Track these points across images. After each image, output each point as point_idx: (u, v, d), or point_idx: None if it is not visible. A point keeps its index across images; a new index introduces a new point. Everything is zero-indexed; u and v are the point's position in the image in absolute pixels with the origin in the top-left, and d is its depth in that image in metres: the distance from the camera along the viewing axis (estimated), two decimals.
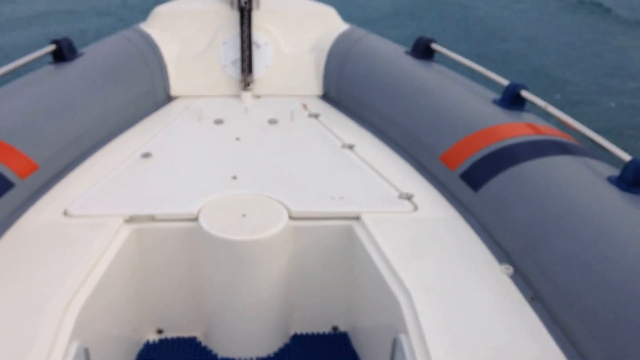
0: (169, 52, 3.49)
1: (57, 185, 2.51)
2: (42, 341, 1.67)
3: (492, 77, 2.83)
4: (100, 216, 2.29)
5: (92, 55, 3.20)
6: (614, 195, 2.01)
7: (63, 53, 3.07)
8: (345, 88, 3.41)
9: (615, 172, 2.14)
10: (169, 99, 3.46)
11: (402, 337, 1.80)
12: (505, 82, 2.73)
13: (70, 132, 2.70)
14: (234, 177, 2.59)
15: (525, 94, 2.64)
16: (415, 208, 2.41)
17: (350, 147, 2.90)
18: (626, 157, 2.12)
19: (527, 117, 2.62)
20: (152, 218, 2.32)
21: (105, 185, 2.51)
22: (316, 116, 3.26)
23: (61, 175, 2.58)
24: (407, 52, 3.36)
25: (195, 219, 2.32)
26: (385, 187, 2.56)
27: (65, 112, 2.75)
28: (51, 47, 3.05)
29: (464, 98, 2.82)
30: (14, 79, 2.87)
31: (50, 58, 3.09)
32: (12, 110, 2.60)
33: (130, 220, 2.30)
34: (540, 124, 2.56)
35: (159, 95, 3.39)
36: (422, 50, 3.28)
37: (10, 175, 2.31)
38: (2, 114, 2.56)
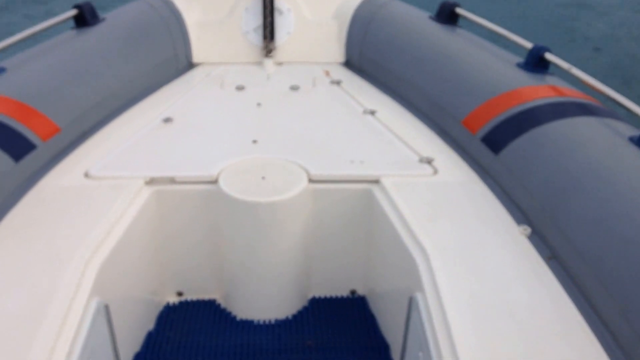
0: (191, 18, 3.49)
1: (79, 148, 2.53)
2: (63, 295, 1.69)
3: (517, 40, 2.78)
4: (121, 178, 2.31)
5: (114, 20, 3.21)
6: (635, 155, 1.97)
7: (85, 18, 3.08)
8: (368, 55, 3.37)
9: (638, 132, 2.10)
10: (190, 65, 3.46)
11: (418, 296, 1.80)
12: (529, 45, 2.68)
13: (92, 96, 2.72)
14: (255, 141, 2.59)
15: (549, 56, 2.59)
16: (436, 172, 2.39)
17: (372, 112, 2.88)
18: None
19: (551, 79, 2.57)
20: (172, 180, 2.33)
21: (126, 148, 2.52)
22: (338, 83, 3.24)
23: (83, 138, 2.60)
24: (431, 18, 3.31)
25: (215, 182, 2.33)
26: (405, 151, 2.54)
27: (88, 77, 2.76)
28: (73, 12, 3.06)
29: (487, 62, 2.78)
30: (36, 44, 2.89)
31: (72, 23, 3.10)
32: (35, 74, 2.63)
33: (151, 182, 2.32)
34: (564, 86, 2.51)
35: (180, 62, 3.39)
36: (447, 15, 3.22)
37: (32, 137, 2.33)
38: (25, 78, 2.58)
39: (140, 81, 3.05)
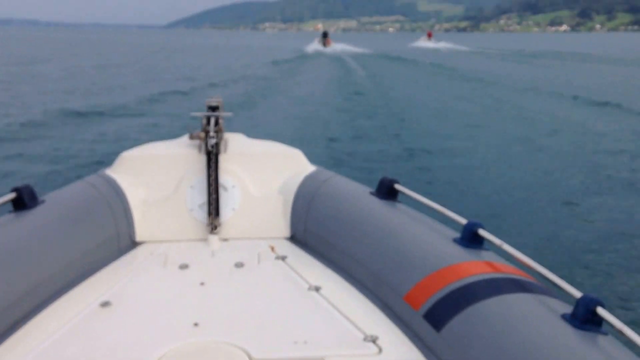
0: (135, 197, 3.49)
1: (7, 341, 2.39)
2: None
3: (451, 216, 2.87)
4: None
5: (53, 202, 3.17)
6: (567, 333, 2.01)
7: (23, 201, 3.03)
8: (312, 229, 3.41)
9: (568, 308, 2.16)
10: (134, 244, 3.41)
11: None
12: (463, 220, 2.77)
13: (25, 284, 2.60)
14: (196, 324, 2.51)
15: (482, 232, 2.67)
16: (380, 350, 2.34)
17: (317, 289, 2.86)
18: (577, 293, 2.13)
19: (486, 255, 2.64)
20: None
21: (56, 339, 2.39)
22: (283, 258, 3.24)
23: (11, 330, 2.45)
24: (371, 193, 3.41)
25: None
26: (350, 329, 2.50)
27: (21, 263, 2.66)
28: (11, 195, 3.02)
29: (425, 237, 2.84)
30: None
31: (10, 207, 3.06)
32: None
33: None
34: (498, 261, 2.57)
35: (123, 242, 3.35)
36: (386, 191, 3.33)
37: None
38: None
39: (78, 264, 2.97)
